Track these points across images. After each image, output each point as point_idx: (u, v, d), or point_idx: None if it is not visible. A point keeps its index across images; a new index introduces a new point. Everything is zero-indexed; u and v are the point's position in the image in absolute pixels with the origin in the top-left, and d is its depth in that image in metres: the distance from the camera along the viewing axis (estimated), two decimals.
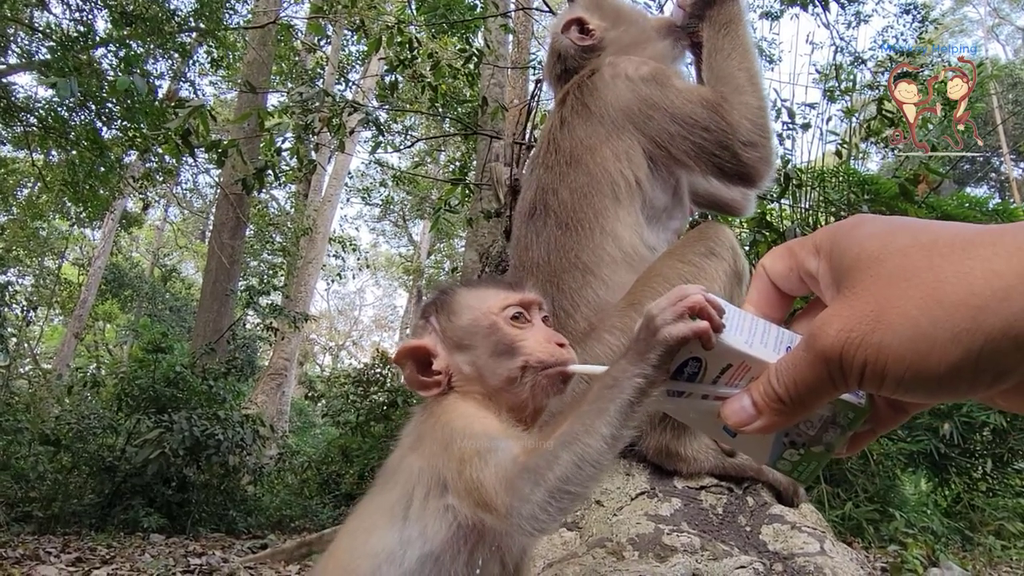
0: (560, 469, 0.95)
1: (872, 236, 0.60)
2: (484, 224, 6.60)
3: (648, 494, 1.94)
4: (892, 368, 0.54)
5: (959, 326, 0.51)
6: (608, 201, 2.13)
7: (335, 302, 39.10)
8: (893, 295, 0.55)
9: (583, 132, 2.22)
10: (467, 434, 1.09)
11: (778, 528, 1.81)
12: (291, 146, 6.27)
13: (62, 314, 22.41)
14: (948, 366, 0.52)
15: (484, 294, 1.28)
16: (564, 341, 1.21)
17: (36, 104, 10.27)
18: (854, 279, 0.59)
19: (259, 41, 13.34)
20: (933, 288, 0.53)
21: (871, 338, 0.55)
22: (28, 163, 13.22)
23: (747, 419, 0.68)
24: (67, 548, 5.69)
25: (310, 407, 18.28)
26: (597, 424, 0.93)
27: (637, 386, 0.87)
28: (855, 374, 0.57)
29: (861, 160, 8.24)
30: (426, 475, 1.12)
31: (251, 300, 12.23)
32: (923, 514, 5.78)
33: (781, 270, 0.73)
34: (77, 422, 8.03)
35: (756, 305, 0.78)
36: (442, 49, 9.63)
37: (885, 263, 0.57)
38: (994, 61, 24.66)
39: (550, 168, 2.25)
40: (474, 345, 1.22)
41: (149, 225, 28.05)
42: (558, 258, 2.11)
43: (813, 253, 0.67)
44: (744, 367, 0.74)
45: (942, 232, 0.56)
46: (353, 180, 25.21)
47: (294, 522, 8.82)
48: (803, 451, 0.75)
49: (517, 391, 1.17)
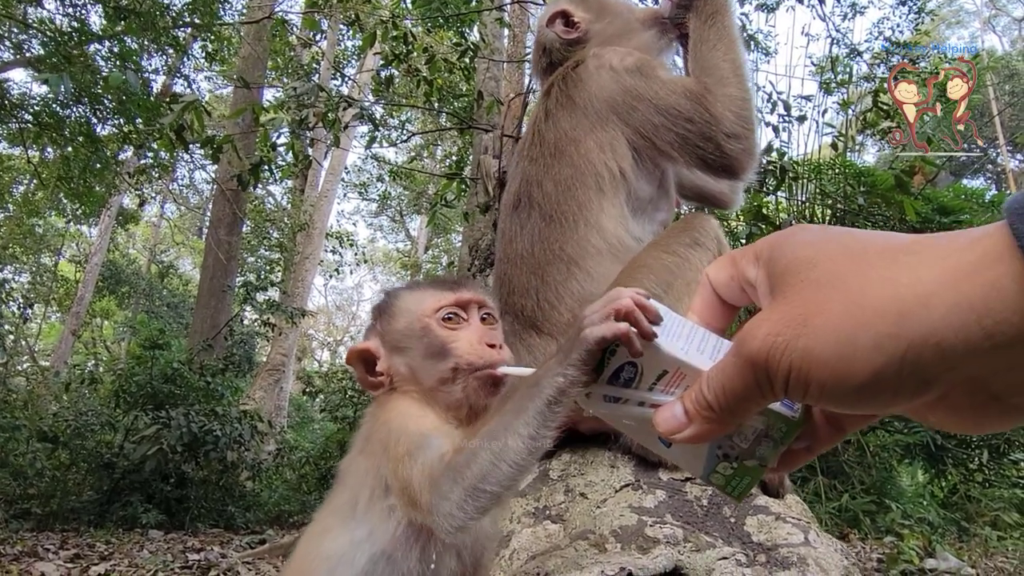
0: (477, 467, 0.96)
1: (806, 243, 0.60)
2: (481, 219, 6.59)
3: (633, 486, 1.94)
4: (816, 374, 0.53)
5: (882, 332, 0.50)
6: (592, 193, 2.13)
7: (333, 297, 39.11)
8: (820, 299, 0.54)
9: (567, 124, 2.22)
10: (402, 433, 1.11)
11: (762, 519, 1.81)
12: (286, 141, 6.25)
13: (59, 311, 22.38)
14: (870, 373, 0.51)
15: (420, 296, 1.30)
16: (497, 341, 1.22)
17: (31, 100, 10.24)
18: (785, 285, 0.58)
19: (254, 36, 13.29)
20: (858, 293, 0.52)
21: (796, 343, 0.54)
22: (23, 160, 13.19)
23: (677, 427, 0.67)
24: (65, 545, 5.70)
25: (308, 402, 18.28)
26: (516, 423, 0.94)
27: (557, 385, 0.87)
28: (780, 380, 0.56)
29: (857, 152, 8.23)
30: (370, 476, 1.14)
31: (248, 296, 12.21)
32: (919, 505, 5.80)
33: (723, 279, 0.72)
34: (75, 419, 8.03)
35: (699, 314, 0.76)
36: (437, 43, 9.60)
37: (815, 268, 0.56)
38: (991, 52, 24.66)
39: (534, 160, 2.25)
40: (409, 347, 1.25)
41: (146, 222, 27.98)
42: (542, 250, 2.12)
43: (753, 262, 0.66)
44: (679, 375, 0.73)
45: (874, 240, 0.56)
46: (350, 175, 25.14)
47: (292, 517, 8.83)
48: (736, 464, 0.74)
49: (450, 392, 1.19)
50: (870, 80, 7.80)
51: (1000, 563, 4.57)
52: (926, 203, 6.45)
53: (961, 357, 0.48)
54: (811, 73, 8.70)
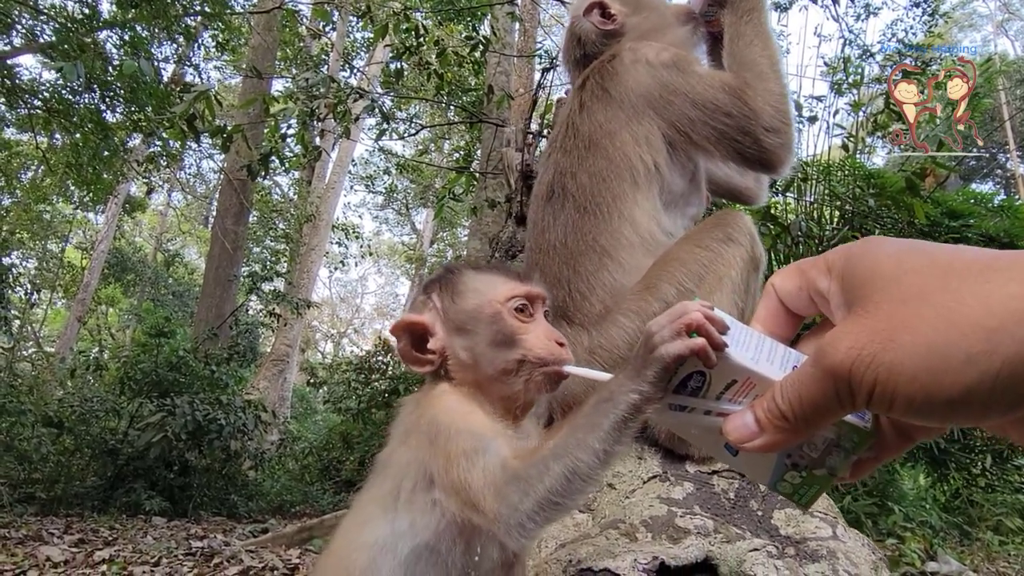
0: (550, 481, 0.95)
1: (887, 256, 0.59)
2: (488, 213, 6.58)
3: (660, 478, 1.94)
4: (903, 389, 0.53)
5: (974, 348, 0.49)
6: (627, 185, 2.12)
7: (337, 289, 39.16)
8: (907, 315, 0.53)
9: (603, 116, 2.21)
10: (454, 430, 1.08)
11: (790, 513, 1.82)
12: (295, 132, 6.26)
13: (65, 297, 22.46)
14: (962, 389, 0.50)
15: (492, 280, 1.26)
16: (564, 340, 1.20)
17: (40, 86, 10.26)
18: (867, 298, 0.58)
19: (264, 26, 13.29)
20: (949, 309, 0.51)
21: (882, 357, 0.53)
22: (32, 146, 13.21)
23: (749, 436, 0.67)
24: (70, 529, 5.73)
25: (311, 393, 18.34)
26: (590, 439, 0.93)
27: (632, 402, 0.87)
28: (864, 394, 0.55)
29: (867, 154, 8.20)
30: (413, 468, 1.12)
31: (254, 286, 12.24)
32: (922, 508, 5.80)
33: (791, 289, 0.71)
34: (80, 405, 8.07)
35: (763, 323, 0.76)
36: (448, 36, 9.58)
37: (900, 282, 0.56)
38: (1003, 56, 24.50)
39: (568, 152, 2.24)
40: (475, 331, 1.21)
41: (152, 210, 28.04)
42: (575, 240, 2.10)
43: (824, 273, 0.66)
44: (749, 384, 0.72)
45: (959, 254, 0.55)
46: (357, 167, 25.18)
47: (295, 507, 8.87)
48: (805, 474, 0.74)
49: (510, 384, 1.17)
50: (882, 82, 7.76)
51: (1002, 568, 4.56)
52: (935, 206, 6.41)
53: None
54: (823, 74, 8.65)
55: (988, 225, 6.78)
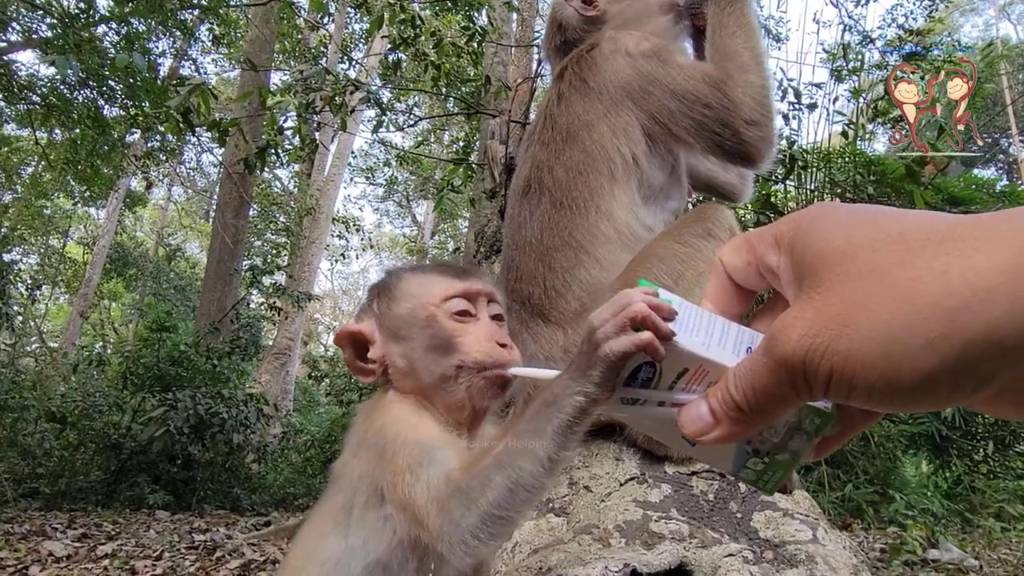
0: (493, 494, 0.90)
1: (836, 227, 0.54)
2: (486, 204, 6.56)
3: (638, 480, 1.90)
4: (861, 377, 0.49)
5: (934, 331, 0.45)
6: (604, 179, 2.09)
7: (339, 282, 39.16)
8: (861, 295, 0.50)
9: (580, 107, 2.18)
10: (400, 442, 1.04)
11: (770, 515, 1.78)
12: (293, 125, 6.23)
13: (67, 293, 22.52)
14: (923, 375, 0.47)
15: (427, 281, 1.19)
16: (506, 341, 1.13)
17: (38, 82, 10.24)
18: (817, 277, 0.53)
19: (261, 18, 13.22)
20: (905, 288, 0.47)
21: (837, 344, 0.50)
22: (31, 141, 13.19)
23: (704, 428, 0.63)
24: (73, 524, 5.76)
25: (314, 386, 18.38)
26: (534, 446, 0.88)
27: (577, 405, 0.83)
28: (820, 384, 0.52)
29: (868, 140, 8.16)
30: (365, 482, 1.08)
31: (255, 280, 12.24)
32: (923, 496, 5.81)
33: (739, 264, 0.67)
34: (83, 400, 8.11)
35: (714, 301, 0.71)
36: (445, 27, 9.53)
37: (852, 258, 0.51)
38: (1005, 41, 24.34)
39: (546, 144, 2.21)
40: (410, 336, 1.14)
41: (153, 204, 28.03)
42: (551, 236, 2.06)
43: (773, 246, 0.61)
44: (701, 371, 0.69)
45: (913, 223, 0.51)
46: (356, 160, 25.13)
47: (297, 500, 8.90)
48: (767, 459, 0.70)
49: (452, 391, 1.10)
50: (882, 68, 7.70)
51: (1003, 554, 4.57)
52: (936, 193, 6.40)
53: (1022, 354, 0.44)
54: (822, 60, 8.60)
55: (991, 211, 6.75)
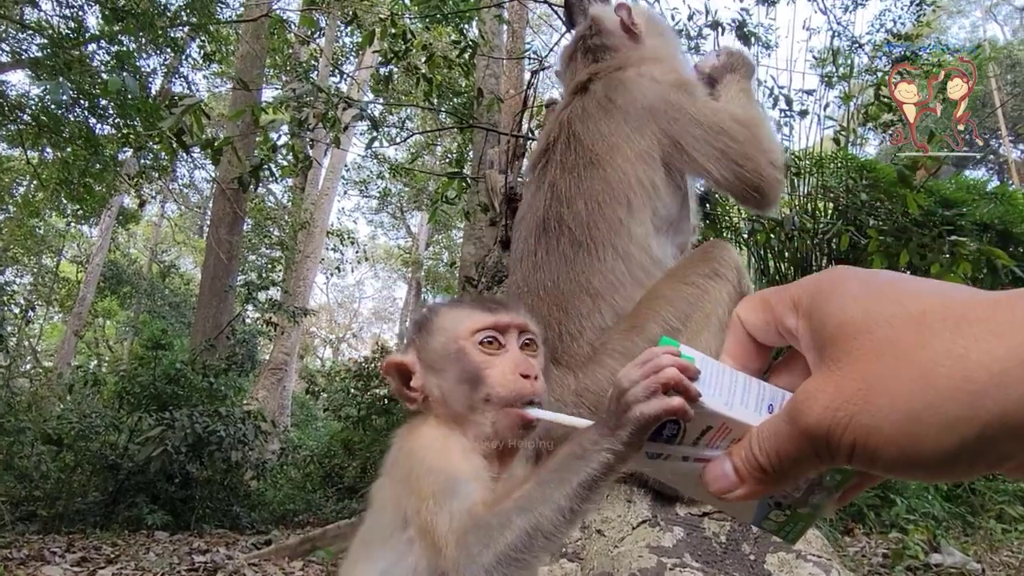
0: (511, 536, 0.92)
1: (854, 301, 0.56)
2: (481, 217, 6.58)
3: (650, 522, 1.90)
4: (883, 452, 0.51)
5: (953, 413, 0.47)
6: (622, 212, 2.10)
7: (334, 295, 39.09)
8: (882, 374, 0.51)
9: (606, 127, 2.21)
10: (427, 469, 1.07)
11: (783, 557, 1.77)
12: (286, 142, 6.24)
13: (61, 312, 22.41)
14: (943, 453, 0.48)
15: (459, 315, 1.24)
16: (532, 372, 1.15)
17: (29, 102, 10.22)
18: (838, 350, 0.55)
19: (252, 34, 13.25)
20: (926, 369, 0.49)
21: (859, 419, 0.52)
22: (23, 161, 13.17)
23: (729, 486, 0.65)
24: (72, 548, 5.71)
25: (311, 401, 18.32)
26: (556, 495, 0.90)
27: (605, 461, 0.85)
28: (843, 455, 0.54)
29: (859, 145, 8.20)
30: (391, 505, 1.11)
31: (250, 295, 12.22)
32: (924, 499, 5.80)
33: (758, 323, 0.69)
34: (79, 421, 8.04)
35: (733, 357, 0.73)
36: (436, 40, 9.57)
37: (872, 334, 0.53)
38: (992, 42, 24.55)
39: (568, 170, 2.20)
40: (443, 369, 1.19)
41: (146, 221, 27.99)
42: (568, 281, 2.07)
43: (791, 309, 0.63)
44: (725, 428, 0.71)
45: (931, 301, 0.53)
46: (350, 172, 25.15)
47: (298, 516, 8.85)
48: (789, 512, 0.72)
49: (480, 424, 1.13)
50: (872, 73, 7.76)
51: (1005, 557, 4.57)
52: (928, 196, 6.42)
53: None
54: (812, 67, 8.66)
55: (982, 212, 6.80)
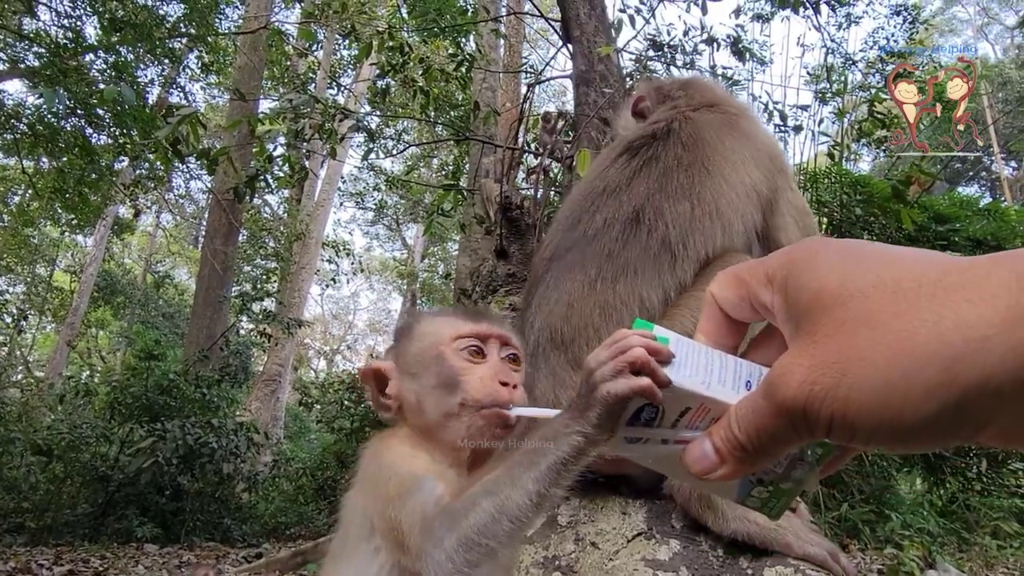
0: (476, 517, 0.91)
1: (829, 271, 0.56)
2: (477, 229, 6.57)
3: (645, 535, 1.87)
4: (862, 422, 0.51)
5: (932, 379, 0.47)
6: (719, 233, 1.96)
7: (329, 306, 38.98)
8: (858, 344, 0.51)
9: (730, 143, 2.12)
10: (393, 473, 1.06)
11: (781, 571, 1.74)
12: (283, 153, 6.24)
13: (54, 321, 22.28)
14: (923, 421, 0.48)
15: (441, 322, 1.23)
16: (512, 380, 1.13)
17: (25, 111, 10.22)
18: (813, 321, 0.55)
19: (250, 46, 13.30)
20: (902, 337, 0.49)
21: (837, 392, 0.51)
22: (18, 170, 13.14)
23: (710, 467, 0.64)
24: (60, 560, 5.64)
25: (305, 413, 18.21)
26: (525, 478, 0.89)
27: (575, 444, 0.83)
28: (822, 428, 0.53)
29: (853, 161, 8.26)
30: (358, 515, 1.10)
31: (244, 306, 12.18)
32: (919, 515, 5.78)
33: (731, 299, 0.68)
34: (70, 431, 7.98)
35: (709, 335, 0.72)
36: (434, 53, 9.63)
37: (847, 305, 0.53)
38: (984, 61, 24.81)
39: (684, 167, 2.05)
40: (420, 373, 1.17)
41: (141, 231, 27.92)
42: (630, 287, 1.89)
43: (765, 283, 0.62)
44: (703, 408, 0.70)
45: (905, 268, 0.53)
46: (346, 184, 25.18)
47: (289, 529, 8.78)
48: (771, 488, 0.72)
49: (455, 429, 1.10)
50: (865, 89, 7.82)
51: (1001, 573, 4.55)
52: (922, 211, 6.45)
53: (1020, 399, 0.46)
54: (806, 83, 8.74)
55: (975, 228, 6.83)
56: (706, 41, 7.31)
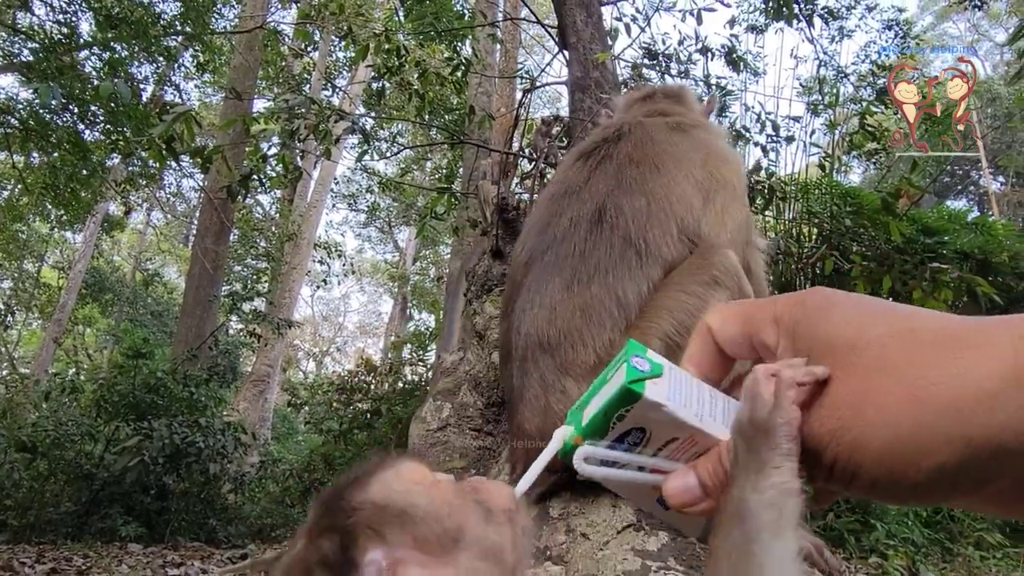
0: None
1: (846, 321, 0.56)
2: (470, 232, 6.59)
3: (635, 527, 1.89)
4: (866, 469, 0.51)
5: (941, 432, 0.47)
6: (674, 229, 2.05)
7: (320, 308, 38.85)
8: (871, 391, 0.50)
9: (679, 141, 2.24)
10: None
11: None
12: (277, 153, 6.23)
13: (41, 318, 22.09)
14: (926, 473, 0.48)
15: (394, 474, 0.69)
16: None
17: (17, 106, 10.16)
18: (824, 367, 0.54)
19: (246, 46, 13.29)
20: (916, 388, 0.49)
21: (844, 435, 0.51)
22: (8, 165, 13.06)
23: (692, 500, 0.63)
24: (42, 558, 5.59)
25: (293, 414, 18.12)
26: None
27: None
28: (823, 469, 0.53)
29: (844, 172, 8.33)
30: None
31: (234, 306, 12.13)
32: (903, 525, 5.81)
33: (732, 335, 0.66)
34: (54, 428, 7.89)
35: (697, 366, 0.70)
36: (430, 57, 9.65)
37: (862, 354, 0.52)
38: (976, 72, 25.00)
39: (636, 163, 2.15)
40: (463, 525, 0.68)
41: (131, 229, 27.74)
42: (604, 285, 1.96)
43: (772, 325, 0.61)
44: (691, 440, 0.68)
45: (923, 323, 0.52)
46: (339, 186, 25.14)
47: (275, 531, 8.72)
48: None
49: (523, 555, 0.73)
50: (857, 102, 7.91)
51: None
52: (910, 224, 6.51)
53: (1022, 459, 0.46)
54: (799, 94, 8.83)
55: (962, 242, 6.90)
56: (701, 51, 7.38)
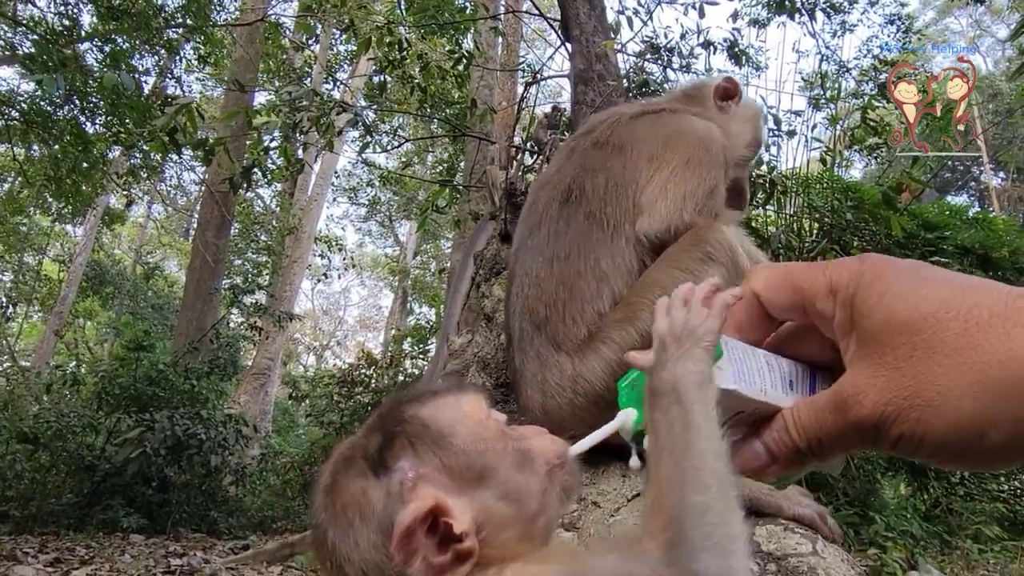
0: None
1: (901, 296, 0.58)
2: (472, 226, 6.59)
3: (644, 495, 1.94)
4: (928, 443, 0.55)
5: (1000, 413, 0.51)
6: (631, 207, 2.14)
7: (320, 301, 38.83)
8: (931, 371, 0.54)
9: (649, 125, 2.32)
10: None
11: (771, 529, 1.83)
12: (278, 145, 6.23)
13: (42, 311, 22.10)
14: (988, 449, 0.52)
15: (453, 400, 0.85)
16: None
17: (18, 97, 10.13)
18: (884, 343, 0.58)
19: (247, 38, 13.26)
20: (976, 369, 0.52)
21: (909, 414, 0.55)
22: (9, 157, 13.04)
23: (761, 466, 0.68)
24: (45, 548, 5.62)
25: (293, 407, 18.14)
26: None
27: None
28: (889, 443, 0.58)
29: (845, 167, 8.33)
30: None
31: (235, 299, 12.14)
32: (902, 518, 5.84)
33: (783, 303, 0.69)
34: (56, 420, 7.91)
35: (744, 331, 0.73)
36: (432, 50, 9.63)
37: (919, 333, 0.55)
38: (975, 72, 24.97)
39: (599, 146, 2.29)
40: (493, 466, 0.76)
41: (132, 222, 27.72)
42: (579, 258, 2.09)
43: (827, 294, 0.63)
44: (755, 411, 0.70)
45: (980, 301, 0.55)
46: (340, 179, 25.12)
47: (276, 523, 8.76)
48: None
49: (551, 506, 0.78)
50: (858, 97, 7.90)
51: (981, 575, 4.61)
52: (911, 219, 6.51)
53: None
54: (800, 88, 8.82)
55: (963, 237, 6.90)
56: (703, 44, 7.36)
